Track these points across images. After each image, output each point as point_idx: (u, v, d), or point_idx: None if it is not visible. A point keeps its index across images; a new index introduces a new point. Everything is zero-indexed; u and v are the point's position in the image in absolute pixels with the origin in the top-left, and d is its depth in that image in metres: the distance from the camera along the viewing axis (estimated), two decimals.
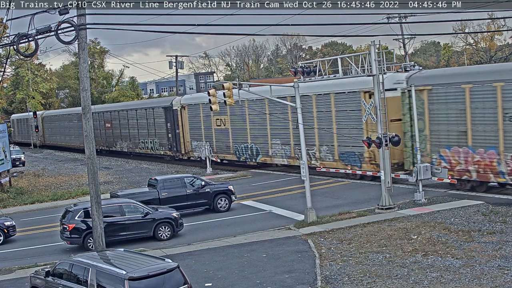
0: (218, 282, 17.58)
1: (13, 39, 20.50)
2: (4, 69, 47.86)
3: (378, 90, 25.49)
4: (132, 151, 59.20)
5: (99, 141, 63.93)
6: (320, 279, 17.00)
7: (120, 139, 61.03)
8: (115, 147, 62.56)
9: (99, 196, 21.15)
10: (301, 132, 25.38)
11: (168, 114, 50.35)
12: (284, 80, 64.01)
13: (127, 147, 59.64)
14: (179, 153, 49.79)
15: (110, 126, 63.03)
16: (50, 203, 34.71)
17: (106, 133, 64.37)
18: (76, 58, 78.89)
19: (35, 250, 24.15)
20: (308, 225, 23.91)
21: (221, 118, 44.10)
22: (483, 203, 24.91)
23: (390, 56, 45.73)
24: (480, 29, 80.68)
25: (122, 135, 60.81)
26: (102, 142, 64.82)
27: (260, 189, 34.03)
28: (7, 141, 40.16)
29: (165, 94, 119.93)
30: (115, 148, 62.66)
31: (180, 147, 49.47)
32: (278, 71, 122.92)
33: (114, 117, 62.11)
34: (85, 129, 21.20)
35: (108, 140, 64.05)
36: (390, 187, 25.65)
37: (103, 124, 64.73)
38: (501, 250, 18.22)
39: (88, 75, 21.13)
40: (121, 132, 60.87)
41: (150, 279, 14.06)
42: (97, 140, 62.48)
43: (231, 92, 25.59)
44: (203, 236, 24.13)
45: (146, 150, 55.43)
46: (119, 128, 61.23)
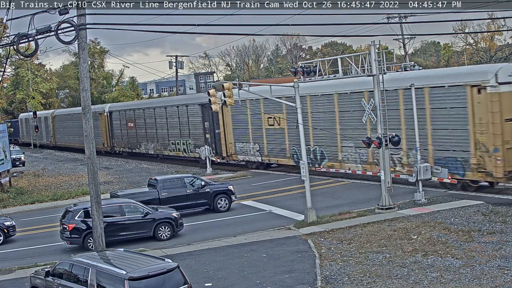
0: (218, 282, 17.58)
1: (13, 39, 20.50)
2: (4, 69, 47.80)
3: (378, 90, 25.49)
4: (159, 153, 53.78)
5: (120, 142, 60.77)
6: (320, 279, 17.00)
7: (146, 140, 55.52)
8: (139, 149, 57.01)
9: (99, 196, 21.14)
10: (301, 132, 25.38)
11: (206, 112, 45.13)
12: (284, 80, 63.76)
13: (154, 149, 54.18)
14: (219, 156, 44.97)
15: (133, 125, 57.69)
16: (50, 203, 34.72)
17: (129, 134, 59.04)
18: (76, 58, 78.82)
19: (35, 250, 24.15)
20: (308, 225, 23.91)
21: (274, 117, 38.83)
22: (483, 203, 24.91)
23: (390, 56, 45.74)
24: (480, 29, 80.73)
25: (148, 135, 55.24)
26: (124, 143, 60.31)
27: (260, 189, 34.02)
28: (7, 141, 40.16)
29: (165, 94, 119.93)
30: (139, 150, 57.06)
31: (220, 149, 44.77)
32: (278, 71, 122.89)
33: (139, 115, 56.63)
34: (85, 129, 21.19)
35: (130, 141, 58.66)
36: (390, 187, 25.64)
37: (125, 123, 59.53)
38: (501, 250, 18.22)
39: (88, 75, 21.13)
40: (146, 132, 55.31)
41: (150, 279, 14.06)
42: (118, 141, 61.02)
43: (231, 92, 25.60)
44: (203, 236, 24.12)
45: (177, 153, 50.20)
46: (144, 127, 55.71)
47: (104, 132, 62.92)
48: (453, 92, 27.46)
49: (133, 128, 57.68)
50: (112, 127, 61.98)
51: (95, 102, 72.24)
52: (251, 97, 35.87)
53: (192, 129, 47.71)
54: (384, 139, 25.25)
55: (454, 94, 27.44)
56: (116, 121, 61.33)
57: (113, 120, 61.78)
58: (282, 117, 37.69)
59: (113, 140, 62.16)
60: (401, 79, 29.92)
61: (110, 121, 62.03)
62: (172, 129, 50.78)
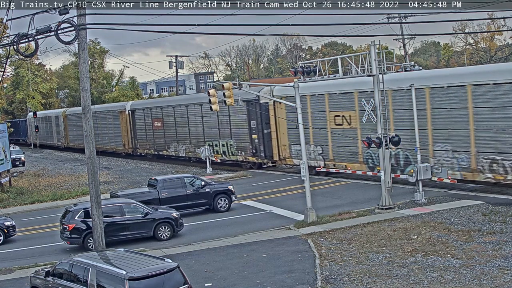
0: (218, 282, 17.58)
1: (13, 39, 20.51)
2: (4, 69, 47.77)
3: (378, 90, 25.49)
4: (193, 155, 48.36)
5: (144, 144, 55.45)
6: (320, 279, 17.00)
7: (176, 141, 50.22)
8: (168, 151, 51.68)
9: (99, 196, 21.14)
10: (300, 131, 25.39)
11: (253, 110, 40.08)
12: (284, 80, 63.77)
13: (186, 151, 48.82)
14: (268, 160, 40.24)
15: (160, 125, 52.21)
16: (50, 203, 34.72)
17: (155, 134, 53.33)
18: (76, 58, 78.77)
19: (35, 250, 24.15)
20: (308, 225, 23.91)
21: (343, 115, 33.42)
22: (483, 203, 24.91)
23: (390, 56, 45.81)
24: (480, 29, 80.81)
25: (179, 136, 49.87)
26: (149, 145, 54.64)
27: (260, 189, 34.02)
28: (7, 141, 40.17)
29: (165, 94, 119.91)
30: (168, 152, 51.67)
31: (270, 152, 39.85)
32: (278, 71, 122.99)
33: (168, 114, 51.23)
34: (85, 129, 21.17)
35: (157, 142, 53.07)
36: (390, 187, 25.65)
37: (151, 122, 53.89)
38: (501, 250, 18.22)
39: (88, 75, 21.12)
40: (177, 132, 49.98)
41: (150, 279, 14.06)
42: (141, 142, 56.10)
43: (231, 92, 25.61)
44: (203, 236, 24.12)
45: (215, 155, 44.68)
46: (174, 127, 50.32)
47: (125, 132, 58.11)
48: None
49: (160, 128, 52.32)
50: (134, 126, 56.88)
51: (95, 102, 71.98)
52: (313, 92, 32.50)
53: (235, 129, 42.65)
54: (384, 139, 25.27)
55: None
56: (139, 120, 56.15)
57: (136, 119, 56.77)
58: (354, 115, 32.61)
59: (135, 141, 57.24)
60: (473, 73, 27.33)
61: (133, 120, 57.02)
62: (209, 129, 45.75)
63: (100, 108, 64.91)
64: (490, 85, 26.04)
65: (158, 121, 52.48)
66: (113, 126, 60.37)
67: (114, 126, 60.16)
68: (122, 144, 58.99)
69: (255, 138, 40.64)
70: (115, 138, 60.14)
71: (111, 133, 61.39)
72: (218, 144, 44.62)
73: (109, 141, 62.03)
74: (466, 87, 26.90)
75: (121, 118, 58.60)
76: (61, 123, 74.50)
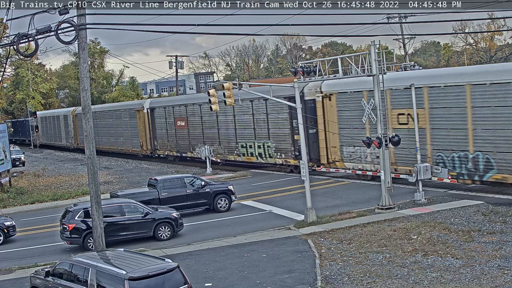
0: (218, 282, 17.58)
1: (13, 39, 20.51)
2: (4, 69, 47.79)
3: (378, 90, 25.49)
4: (222, 158, 44.56)
5: (164, 145, 51.75)
6: (320, 279, 17.00)
7: (202, 142, 46.26)
8: (193, 153, 47.48)
9: (99, 196, 21.15)
10: (301, 131, 25.39)
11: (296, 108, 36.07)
12: (284, 80, 63.75)
13: (215, 152, 44.81)
14: (313, 163, 35.97)
15: (184, 124, 48.45)
16: (50, 203, 34.73)
17: (178, 134, 49.49)
18: (76, 58, 78.77)
19: (35, 250, 24.15)
20: (308, 225, 23.91)
21: (409, 113, 29.28)
22: (483, 203, 24.91)
23: (390, 56, 45.77)
24: (480, 29, 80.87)
25: (206, 136, 46.11)
26: (170, 146, 50.83)
27: (260, 189, 34.02)
28: (7, 141, 40.17)
29: (165, 94, 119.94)
30: (193, 154, 47.49)
31: (317, 155, 35.96)
32: (278, 71, 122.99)
33: (193, 112, 47.14)
34: (85, 129, 21.19)
35: (180, 143, 49.08)
36: (390, 187, 25.65)
37: (173, 122, 50.00)
38: (501, 250, 18.22)
39: (88, 75, 21.13)
40: (204, 132, 46.30)
41: (150, 279, 14.06)
42: (162, 143, 52.40)
43: (231, 92, 25.61)
44: (203, 236, 24.12)
45: (249, 157, 41.29)
46: (200, 127, 46.56)
47: (143, 132, 54.48)
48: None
49: (184, 128, 48.47)
50: (154, 126, 53.15)
51: (95, 102, 72.01)
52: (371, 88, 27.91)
53: (274, 129, 38.74)
54: (384, 139, 25.27)
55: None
56: (160, 119, 52.37)
57: (155, 118, 53.08)
58: (422, 113, 28.56)
59: (155, 142, 53.43)
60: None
61: (152, 119, 53.35)
62: (243, 129, 42.02)
63: (115, 107, 61.75)
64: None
65: (182, 120, 48.51)
66: (129, 126, 56.88)
67: (130, 126, 56.67)
68: (140, 145, 55.58)
69: (298, 139, 35.29)
70: (132, 138, 56.76)
71: (126, 133, 57.89)
72: (253, 146, 40.91)
73: (124, 142, 58.60)
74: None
75: (139, 117, 55.13)
76: (70, 123, 70.93)
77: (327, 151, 35.33)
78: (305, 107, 34.38)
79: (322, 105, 35.03)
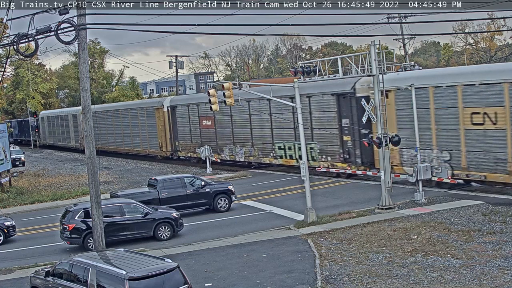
0: (218, 282, 17.58)
1: (13, 39, 20.51)
2: (4, 69, 47.80)
3: (378, 90, 25.49)
4: (255, 160, 41.10)
5: (187, 146, 47.83)
6: (320, 279, 17.00)
7: (232, 143, 42.76)
8: (220, 155, 44.10)
9: (99, 196, 21.15)
10: (301, 131, 25.39)
11: (345, 105, 33.13)
12: (284, 80, 63.95)
13: (246, 155, 41.48)
14: (366, 167, 32.72)
15: (211, 124, 44.95)
16: (50, 203, 34.73)
17: (203, 135, 45.66)
18: (76, 58, 78.68)
19: (35, 250, 24.15)
20: (308, 225, 23.91)
21: (486, 112, 26.08)
22: (483, 203, 24.91)
23: (390, 56, 45.78)
24: (480, 29, 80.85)
25: (236, 137, 42.41)
26: (194, 147, 46.70)
27: (260, 189, 34.02)
28: (7, 141, 40.18)
29: (165, 94, 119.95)
30: (220, 156, 43.96)
31: (370, 158, 32.60)
32: (278, 71, 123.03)
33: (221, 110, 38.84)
34: (85, 129, 21.20)
35: (206, 144, 44.71)
36: (390, 187, 25.65)
37: (197, 121, 46.21)
38: (501, 250, 18.22)
39: (88, 75, 21.14)
40: (233, 132, 42.60)
41: (150, 279, 14.06)
42: (184, 144, 48.50)
43: (231, 92, 25.61)
44: (203, 236, 24.12)
45: (288, 160, 38.00)
46: (230, 126, 42.93)
47: (163, 132, 50.79)
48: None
49: (211, 128, 44.71)
50: (175, 126, 49.50)
51: (95, 102, 71.85)
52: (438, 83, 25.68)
53: (319, 128, 34.88)
54: (384, 139, 25.26)
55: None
56: (181, 118, 48.63)
57: (177, 117, 49.22)
58: (502, 112, 25.46)
59: (176, 142, 49.71)
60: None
61: (173, 118, 49.65)
62: (280, 129, 38.25)
63: (130, 105, 58.08)
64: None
65: (208, 119, 44.49)
66: (147, 126, 53.07)
67: (148, 126, 52.94)
68: (159, 146, 51.65)
69: (348, 140, 33.14)
70: (149, 139, 52.97)
71: (143, 134, 54.12)
72: (293, 147, 36.87)
73: (141, 143, 54.95)
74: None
75: (158, 116, 51.04)
76: (79, 123, 65.75)
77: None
78: (357, 105, 31.45)
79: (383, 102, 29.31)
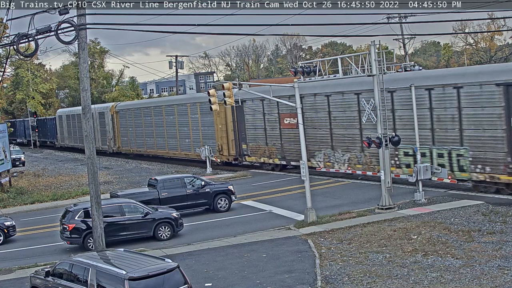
0: (218, 282, 17.58)
1: (13, 39, 20.52)
2: (4, 69, 47.79)
3: (378, 90, 25.49)
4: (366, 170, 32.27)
5: (260, 150, 40.36)
6: (320, 279, 17.00)
7: (330, 147, 34.49)
8: (311, 161, 34.13)
9: (99, 196, 21.15)
10: (301, 131, 25.37)
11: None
12: (284, 80, 63.89)
13: (349, 163, 33.38)
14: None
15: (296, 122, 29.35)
16: (50, 203, 34.72)
17: (284, 136, 37.85)
18: (76, 58, 78.62)
19: (35, 250, 24.15)
20: (308, 225, 23.91)
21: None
22: (483, 203, 24.91)
23: (390, 56, 45.79)
24: (480, 29, 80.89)
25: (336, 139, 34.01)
26: (271, 151, 39.39)
27: (260, 189, 34.01)
28: (7, 141, 40.17)
29: (165, 94, 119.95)
30: (311, 162, 34.50)
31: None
32: (278, 71, 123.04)
33: (314, 104, 35.02)
34: (85, 129, 21.19)
35: (286, 148, 37.69)
36: (390, 187, 25.65)
37: (276, 118, 38.32)
38: (501, 250, 18.22)
39: (88, 75, 21.14)
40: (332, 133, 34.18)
41: (150, 279, 14.06)
42: (255, 147, 40.93)
43: (231, 92, 25.61)
44: (203, 236, 24.12)
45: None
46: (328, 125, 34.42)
47: (224, 133, 43.81)
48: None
49: (294, 127, 33.89)
50: (242, 125, 42.20)
51: (95, 102, 71.93)
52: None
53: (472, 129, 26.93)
54: (384, 139, 25.27)
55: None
56: (253, 116, 40.93)
57: (245, 114, 41.65)
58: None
59: (243, 145, 42.34)
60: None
61: (239, 116, 42.29)
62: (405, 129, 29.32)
63: (177, 100, 51.05)
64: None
65: (291, 116, 35.78)
66: (201, 125, 46.01)
67: (202, 125, 45.84)
68: (217, 149, 44.28)
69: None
70: (204, 141, 45.55)
71: (195, 135, 46.88)
72: (429, 154, 28.53)
73: (192, 145, 47.24)
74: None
75: (217, 113, 42.14)
76: (108, 121, 60.75)
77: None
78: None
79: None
